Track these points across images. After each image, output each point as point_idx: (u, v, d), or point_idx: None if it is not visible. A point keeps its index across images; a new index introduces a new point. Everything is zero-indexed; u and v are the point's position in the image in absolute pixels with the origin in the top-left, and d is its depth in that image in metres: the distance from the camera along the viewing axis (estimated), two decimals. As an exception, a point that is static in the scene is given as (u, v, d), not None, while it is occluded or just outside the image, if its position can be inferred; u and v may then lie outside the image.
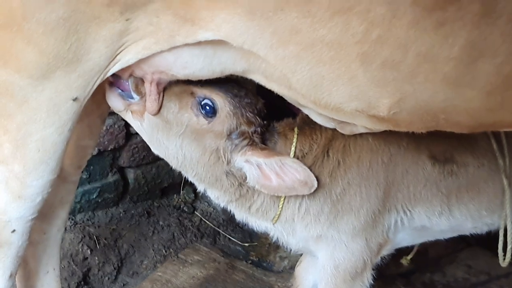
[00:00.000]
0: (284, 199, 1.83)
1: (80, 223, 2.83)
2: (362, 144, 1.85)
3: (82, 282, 2.64)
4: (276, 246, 3.08)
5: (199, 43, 1.53)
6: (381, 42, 1.35)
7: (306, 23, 1.38)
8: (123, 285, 2.71)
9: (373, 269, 1.94)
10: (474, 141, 1.93)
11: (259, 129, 1.77)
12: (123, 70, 1.62)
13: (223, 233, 3.09)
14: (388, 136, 1.84)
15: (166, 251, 2.88)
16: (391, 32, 1.34)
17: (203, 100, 1.73)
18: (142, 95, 1.73)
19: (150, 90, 1.71)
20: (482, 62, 1.35)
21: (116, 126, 2.81)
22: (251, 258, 3.02)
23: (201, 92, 1.73)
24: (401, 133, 1.73)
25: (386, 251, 1.95)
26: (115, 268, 2.74)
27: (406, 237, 2.00)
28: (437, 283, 2.93)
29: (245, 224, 3.10)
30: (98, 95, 1.71)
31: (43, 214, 1.83)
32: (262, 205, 1.86)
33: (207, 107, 1.72)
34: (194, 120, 1.73)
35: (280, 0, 1.38)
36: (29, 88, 1.55)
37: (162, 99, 1.73)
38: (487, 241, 2.20)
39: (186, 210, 3.13)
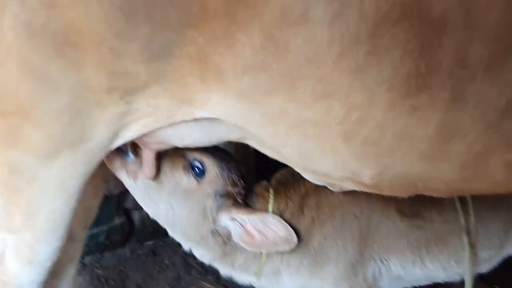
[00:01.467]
0: (266, 255, 1.96)
1: (89, 265, 2.96)
2: (334, 200, 2.00)
3: (93, 324, 2.77)
4: (278, 281, 3.20)
5: (196, 119, 1.66)
6: (361, 123, 1.49)
7: (293, 106, 1.51)
8: (132, 326, 2.84)
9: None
10: (440, 199, 2.05)
11: (242, 191, 1.91)
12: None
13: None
14: (357, 192, 1.96)
15: (172, 290, 3.01)
16: (369, 115, 1.47)
17: (193, 162, 1.87)
18: (138, 156, 1.87)
19: (148, 157, 1.83)
20: (454, 142, 1.48)
21: (121, 172, 2.94)
22: (254, 292, 3.13)
23: (192, 154, 1.89)
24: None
25: None
26: (123, 309, 2.87)
27: (385, 286, 2.12)
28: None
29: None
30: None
31: (53, 272, 1.94)
32: (245, 261, 1.99)
33: (197, 169, 1.87)
34: (185, 181, 1.88)
35: (268, 86, 1.50)
36: (37, 167, 1.68)
37: (157, 165, 1.86)
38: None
39: (190, 248, 3.25)
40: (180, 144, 1.79)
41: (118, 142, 1.72)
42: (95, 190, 2.13)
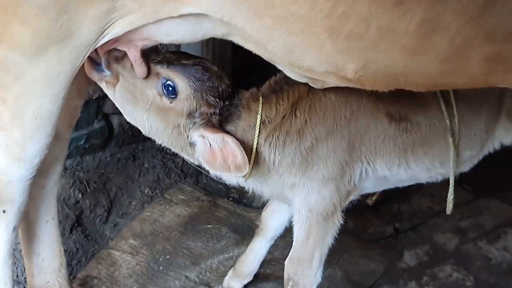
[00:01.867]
0: (254, 156, 2.02)
1: (70, 169, 3.00)
2: (326, 103, 2.05)
3: (76, 224, 2.84)
4: (254, 183, 3.30)
5: (181, 15, 1.67)
6: (346, 17, 1.52)
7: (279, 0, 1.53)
8: (114, 225, 2.92)
9: (342, 211, 2.15)
10: (426, 103, 2.14)
11: (217, 111, 1.95)
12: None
13: (205, 172, 3.27)
14: (349, 95, 2.03)
15: (152, 192, 3.08)
16: (355, 8, 1.50)
17: (166, 82, 1.91)
18: (113, 71, 1.93)
19: (134, 56, 1.85)
20: (436, 35, 1.52)
21: (99, 76, 2.94)
22: (232, 195, 3.23)
23: (166, 73, 1.92)
24: (361, 92, 1.92)
25: (353, 196, 2.17)
26: (105, 210, 2.95)
27: (369, 185, 2.23)
28: (404, 213, 3.19)
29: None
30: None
31: (40, 171, 1.98)
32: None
33: (170, 88, 1.92)
34: (157, 99, 1.93)
35: None
36: (24, 64, 1.69)
37: (146, 63, 1.88)
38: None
39: (169, 152, 3.28)
40: (165, 40, 1.80)
41: (104, 39, 1.73)
42: (79, 90, 2.15)
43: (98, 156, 3.13)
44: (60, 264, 2.39)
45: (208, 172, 2.06)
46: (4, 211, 1.92)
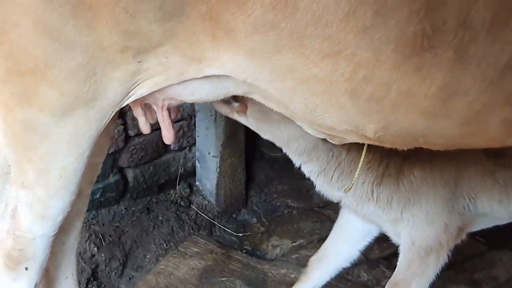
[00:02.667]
0: (360, 169, 2.13)
1: (86, 222, 3.02)
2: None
3: (91, 278, 2.85)
4: (268, 235, 3.31)
5: (206, 76, 1.72)
6: (367, 80, 1.56)
7: (301, 63, 1.58)
8: (129, 279, 2.93)
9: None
10: None
11: None
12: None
13: (218, 224, 3.30)
14: None
15: (166, 245, 3.10)
16: (375, 73, 1.54)
17: None
18: (239, 101, 2.09)
19: (163, 117, 1.89)
20: (455, 100, 1.56)
21: (115, 130, 3.00)
22: (245, 247, 3.25)
23: None
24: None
25: (466, 231, 2.25)
26: (120, 264, 2.96)
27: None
28: (417, 265, 3.18)
29: (238, 215, 3.34)
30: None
31: (61, 228, 2.00)
32: (342, 174, 2.18)
33: None
34: None
35: (277, 44, 1.57)
36: (51, 124, 1.73)
37: (173, 126, 1.93)
38: None
39: (182, 204, 3.34)
40: (189, 99, 1.85)
41: (130, 99, 1.77)
42: (100, 147, 2.18)
43: (113, 209, 3.16)
44: None
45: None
46: (26, 268, 1.94)
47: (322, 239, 3.26)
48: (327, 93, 1.61)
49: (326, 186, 2.25)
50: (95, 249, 2.95)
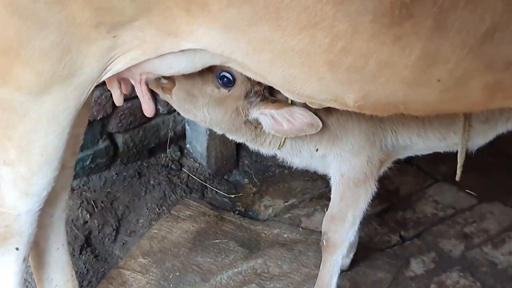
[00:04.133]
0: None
1: (77, 189, 3.04)
2: None
3: (85, 245, 2.87)
4: (260, 195, 3.33)
5: (182, 50, 1.70)
6: (345, 51, 1.54)
7: (277, 35, 1.56)
8: (123, 244, 2.95)
9: (376, 180, 2.38)
10: None
11: (264, 86, 2.10)
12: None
13: (210, 186, 3.31)
14: None
15: (159, 209, 3.11)
16: (354, 44, 1.52)
17: (221, 73, 2.05)
18: (169, 78, 2.07)
19: (141, 91, 1.88)
20: (435, 68, 1.54)
21: (103, 96, 2.97)
22: (238, 208, 3.26)
23: (219, 66, 2.01)
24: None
25: (387, 164, 2.39)
26: (114, 229, 2.98)
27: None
28: (408, 220, 3.21)
29: (230, 176, 3.35)
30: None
31: (48, 201, 2.01)
32: (272, 139, 2.28)
33: (225, 79, 2.06)
34: (216, 91, 2.09)
35: (253, 17, 1.54)
36: (29, 103, 1.72)
37: (155, 99, 1.93)
38: (452, 176, 2.47)
39: (173, 167, 3.34)
40: (167, 73, 1.84)
41: (107, 75, 1.75)
42: (81, 119, 2.17)
43: (104, 175, 3.16)
44: None
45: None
46: (17, 248, 1.96)
47: (314, 198, 3.32)
48: (305, 65, 1.59)
49: (258, 148, 2.35)
50: (88, 215, 2.96)
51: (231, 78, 2.05)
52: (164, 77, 2.04)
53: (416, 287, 2.80)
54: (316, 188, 3.37)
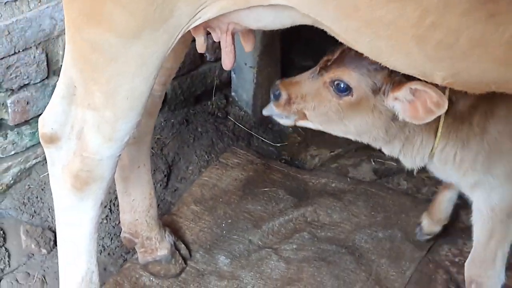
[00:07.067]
0: (439, 138, 2.04)
1: (127, 135, 3.03)
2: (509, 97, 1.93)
3: (138, 190, 2.88)
4: (306, 145, 3.33)
5: (271, 5, 1.67)
6: (435, 26, 1.49)
7: (365, 3, 1.52)
8: (174, 190, 2.97)
9: None
10: None
11: (386, 69, 1.88)
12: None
13: (256, 135, 3.31)
14: None
15: (207, 156, 3.12)
16: (444, 19, 1.48)
17: (334, 82, 1.95)
18: (296, 112, 2.04)
19: (226, 42, 1.86)
20: None
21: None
22: (284, 157, 3.27)
23: (328, 77, 1.96)
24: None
25: None
26: (165, 175, 2.99)
27: None
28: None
29: (274, 126, 3.34)
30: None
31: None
32: (419, 145, 2.07)
33: (341, 86, 1.95)
34: (341, 102, 1.96)
35: None
36: (119, 46, 1.71)
37: (235, 51, 1.89)
38: None
39: (220, 115, 3.33)
40: (255, 26, 1.82)
41: (196, 22, 1.74)
42: (176, 54, 2.20)
43: (153, 122, 3.16)
44: (150, 205, 2.55)
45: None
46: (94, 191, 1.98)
47: (360, 149, 3.30)
48: (393, 38, 1.56)
49: (409, 160, 2.14)
50: (139, 161, 2.97)
51: (344, 82, 1.93)
52: (289, 114, 2.05)
53: (467, 238, 2.79)
54: (361, 138, 3.36)
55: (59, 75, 1.91)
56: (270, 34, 3.12)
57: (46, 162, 2.04)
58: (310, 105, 2.01)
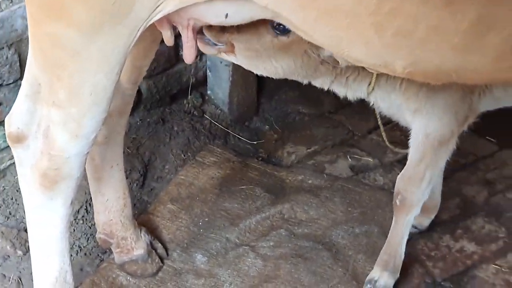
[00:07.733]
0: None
1: (102, 135, 3.02)
2: None
3: (113, 190, 2.87)
4: (282, 142, 3.34)
5: None
6: (393, 14, 1.48)
7: None
8: (151, 189, 2.96)
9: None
10: None
11: None
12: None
13: (232, 133, 3.31)
14: None
15: (184, 155, 3.11)
16: (403, 6, 1.47)
17: (274, 22, 1.97)
18: (225, 42, 2.02)
19: (187, 37, 1.86)
20: (490, 35, 1.48)
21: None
22: (261, 155, 3.26)
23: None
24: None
25: (471, 119, 2.31)
26: (141, 175, 2.98)
27: (482, 106, 2.32)
28: (431, 167, 3.22)
29: (251, 123, 3.34)
30: (151, 25, 1.80)
31: (106, 123, 1.99)
32: (358, 76, 2.19)
33: (281, 26, 1.97)
34: (275, 41, 2.01)
35: None
36: (79, 40, 1.70)
37: (197, 46, 1.90)
38: (473, 124, 2.41)
39: (196, 114, 3.33)
40: (214, 21, 1.82)
41: (157, 16, 1.72)
42: (145, 52, 2.21)
43: (128, 121, 3.14)
44: (124, 205, 2.53)
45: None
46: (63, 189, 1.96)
47: (336, 145, 3.32)
48: (351, 27, 1.55)
49: (347, 92, 2.27)
50: (115, 161, 2.96)
51: (284, 26, 1.96)
52: (219, 41, 2.01)
53: (442, 232, 2.84)
54: (338, 135, 3.37)
55: (32, 76, 1.90)
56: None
57: (19, 163, 2.02)
58: (244, 37, 2.02)
